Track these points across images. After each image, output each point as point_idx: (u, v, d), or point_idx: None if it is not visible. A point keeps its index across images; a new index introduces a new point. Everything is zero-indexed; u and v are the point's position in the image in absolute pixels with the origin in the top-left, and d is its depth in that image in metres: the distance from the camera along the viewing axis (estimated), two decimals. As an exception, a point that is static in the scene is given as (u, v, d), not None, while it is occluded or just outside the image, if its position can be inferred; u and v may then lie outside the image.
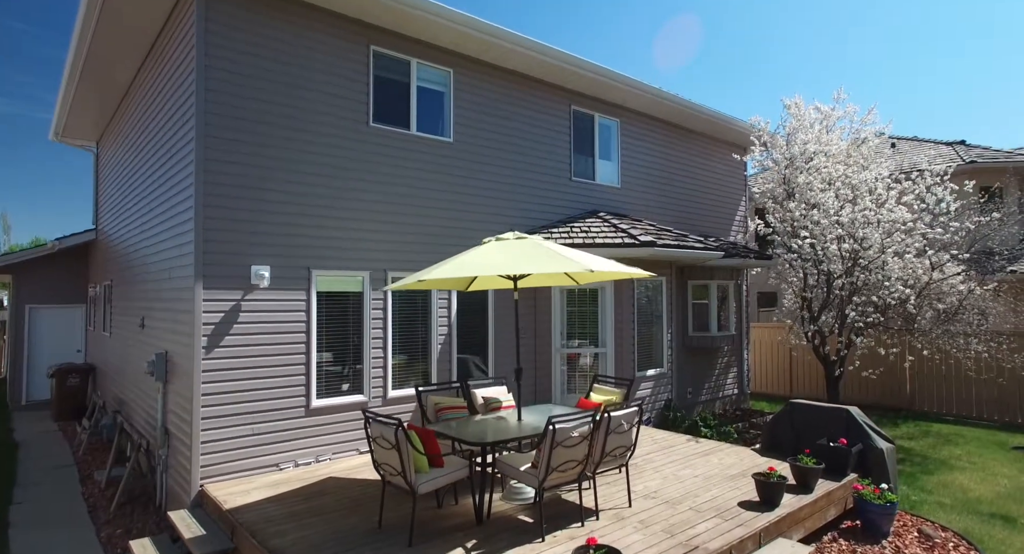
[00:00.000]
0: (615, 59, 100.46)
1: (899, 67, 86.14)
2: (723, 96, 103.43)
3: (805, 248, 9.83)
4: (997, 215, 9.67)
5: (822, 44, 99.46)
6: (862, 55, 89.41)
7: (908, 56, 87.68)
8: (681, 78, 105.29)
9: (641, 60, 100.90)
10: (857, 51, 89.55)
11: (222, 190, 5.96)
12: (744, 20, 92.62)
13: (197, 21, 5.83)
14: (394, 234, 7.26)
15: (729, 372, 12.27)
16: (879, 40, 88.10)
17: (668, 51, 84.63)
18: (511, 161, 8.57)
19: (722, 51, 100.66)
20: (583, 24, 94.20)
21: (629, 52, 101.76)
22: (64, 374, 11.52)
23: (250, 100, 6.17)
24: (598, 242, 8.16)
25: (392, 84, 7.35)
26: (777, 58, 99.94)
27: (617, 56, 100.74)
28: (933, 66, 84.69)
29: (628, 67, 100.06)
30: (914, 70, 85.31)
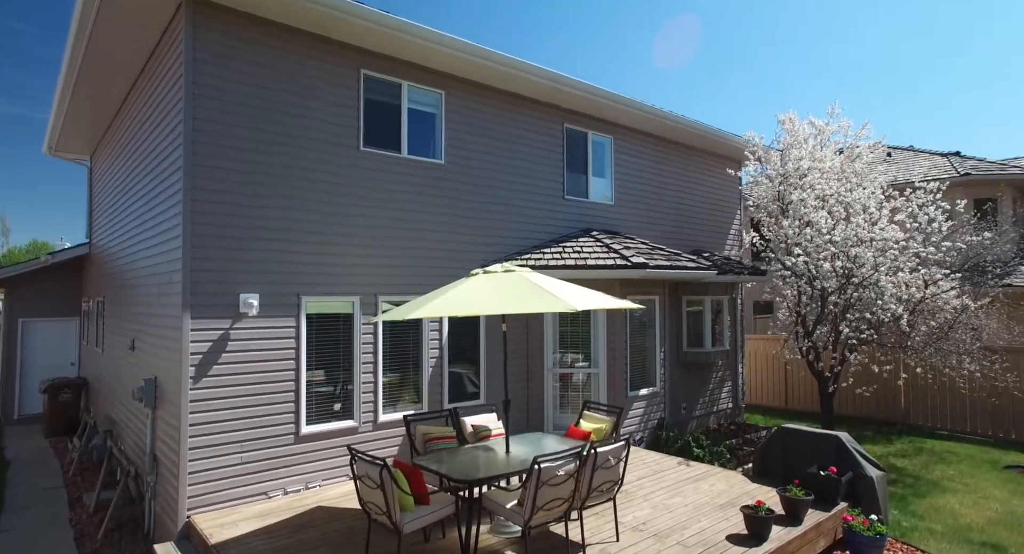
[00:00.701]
0: (615, 57, 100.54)
1: (898, 68, 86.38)
2: (723, 97, 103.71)
3: (799, 265, 9.84)
4: (989, 235, 9.67)
5: (821, 45, 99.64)
6: (861, 56, 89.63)
7: (908, 58, 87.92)
8: (681, 79, 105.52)
9: (641, 59, 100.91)
10: (857, 52, 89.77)
11: (210, 219, 5.94)
12: (744, 22, 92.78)
13: (185, 51, 5.81)
14: (385, 258, 7.24)
15: (724, 386, 12.26)
16: (878, 41, 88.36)
17: (668, 51, 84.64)
18: (504, 181, 8.56)
19: (722, 52, 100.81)
20: (583, 25, 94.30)
21: (630, 52, 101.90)
22: (56, 390, 11.48)
23: (238, 128, 6.15)
24: (590, 263, 8.15)
25: (383, 107, 7.34)
26: (777, 58, 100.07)
27: (617, 55, 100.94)
28: (933, 67, 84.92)
29: (629, 66, 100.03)
30: (914, 71, 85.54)
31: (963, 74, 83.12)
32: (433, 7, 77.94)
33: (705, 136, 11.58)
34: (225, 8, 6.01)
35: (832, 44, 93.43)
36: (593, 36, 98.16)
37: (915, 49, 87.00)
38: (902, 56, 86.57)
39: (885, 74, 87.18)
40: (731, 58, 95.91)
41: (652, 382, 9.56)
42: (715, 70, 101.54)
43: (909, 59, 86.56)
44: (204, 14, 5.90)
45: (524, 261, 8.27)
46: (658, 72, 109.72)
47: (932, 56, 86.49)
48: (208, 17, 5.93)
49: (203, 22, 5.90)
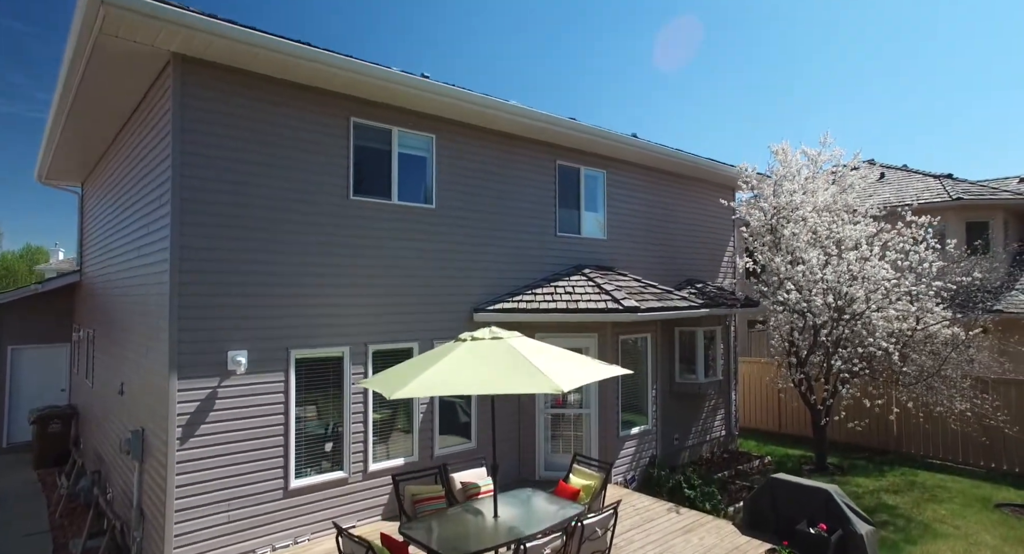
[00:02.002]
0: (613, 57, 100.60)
1: (898, 70, 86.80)
2: (723, 98, 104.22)
3: (791, 300, 9.85)
4: (979, 276, 9.71)
5: (822, 46, 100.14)
6: (862, 57, 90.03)
7: (908, 62, 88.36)
8: (680, 79, 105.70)
9: (641, 59, 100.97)
10: (857, 53, 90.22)
11: (197, 277, 5.89)
12: (743, 23, 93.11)
13: (173, 108, 5.77)
14: (375, 306, 7.21)
15: (717, 414, 12.26)
16: (878, 43, 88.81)
17: (668, 52, 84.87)
18: (495, 222, 8.54)
19: (721, 53, 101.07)
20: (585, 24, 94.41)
21: (630, 50, 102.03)
22: (46, 421, 11.39)
23: (226, 182, 6.11)
24: (581, 307, 8.13)
25: (373, 153, 7.31)
26: (777, 60, 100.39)
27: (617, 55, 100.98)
28: (932, 69, 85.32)
29: (627, 65, 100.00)
30: (913, 72, 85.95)
31: (961, 78, 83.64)
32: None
33: (698, 167, 11.59)
34: (213, 64, 5.97)
35: (833, 45, 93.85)
36: (594, 38, 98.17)
37: (913, 56, 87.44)
38: (901, 60, 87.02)
39: (884, 78, 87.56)
40: (730, 60, 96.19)
41: (644, 420, 9.55)
42: (713, 73, 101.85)
43: (909, 62, 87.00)
44: (192, 71, 5.86)
45: (516, 304, 8.25)
46: (658, 72, 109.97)
47: (930, 60, 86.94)
48: (196, 73, 5.89)
49: (191, 79, 5.86)
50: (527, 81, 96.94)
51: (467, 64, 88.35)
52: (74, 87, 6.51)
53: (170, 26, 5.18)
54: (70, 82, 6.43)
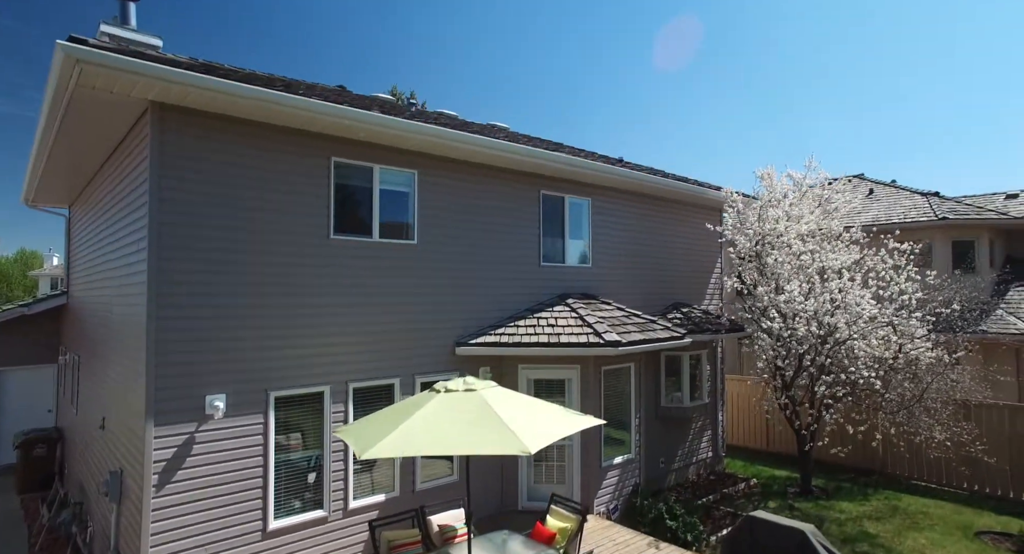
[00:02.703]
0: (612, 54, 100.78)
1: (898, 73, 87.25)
2: (722, 100, 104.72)
3: (774, 327, 9.92)
4: (957, 307, 9.79)
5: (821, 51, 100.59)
6: (860, 61, 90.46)
7: (907, 69, 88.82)
8: (680, 80, 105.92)
9: (640, 57, 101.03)
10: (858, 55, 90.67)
11: (175, 323, 5.91)
12: (743, 26, 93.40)
13: (151, 155, 5.79)
14: (356, 344, 7.23)
15: (703, 436, 12.32)
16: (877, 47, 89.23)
17: (667, 53, 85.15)
18: (478, 254, 8.57)
19: (719, 56, 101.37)
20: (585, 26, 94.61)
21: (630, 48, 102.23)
22: (30, 445, 11.37)
23: (204, 227, 6.13)
24: (563, 341, 8.17)
25: (354, 191, 7.34)
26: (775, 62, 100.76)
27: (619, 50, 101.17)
28: (925, 84, 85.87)
29: (626, 64, 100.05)
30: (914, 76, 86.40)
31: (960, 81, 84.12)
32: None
33: (684, 192, 11.66)
34: (191, 110, 6.00)
35: (832, 47, 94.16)
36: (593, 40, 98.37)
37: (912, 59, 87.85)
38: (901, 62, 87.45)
39: (884, 81, 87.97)
40: (729, 64, 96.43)
41: (627, 448, 9.59)
42: (712, 75, 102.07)
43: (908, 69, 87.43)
44: (170, 118, 5.89)
45: (498, 337, 8.29)
46: (657, 72, 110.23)
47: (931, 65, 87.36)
48: (174, 120, 5.92)
49: (169, 126, 5.89)
50: (533, 82, 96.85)
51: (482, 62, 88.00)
52: (54, 129, 6.52)
53: (146, 79, 5.21)
54: (50, 125, 6.45)
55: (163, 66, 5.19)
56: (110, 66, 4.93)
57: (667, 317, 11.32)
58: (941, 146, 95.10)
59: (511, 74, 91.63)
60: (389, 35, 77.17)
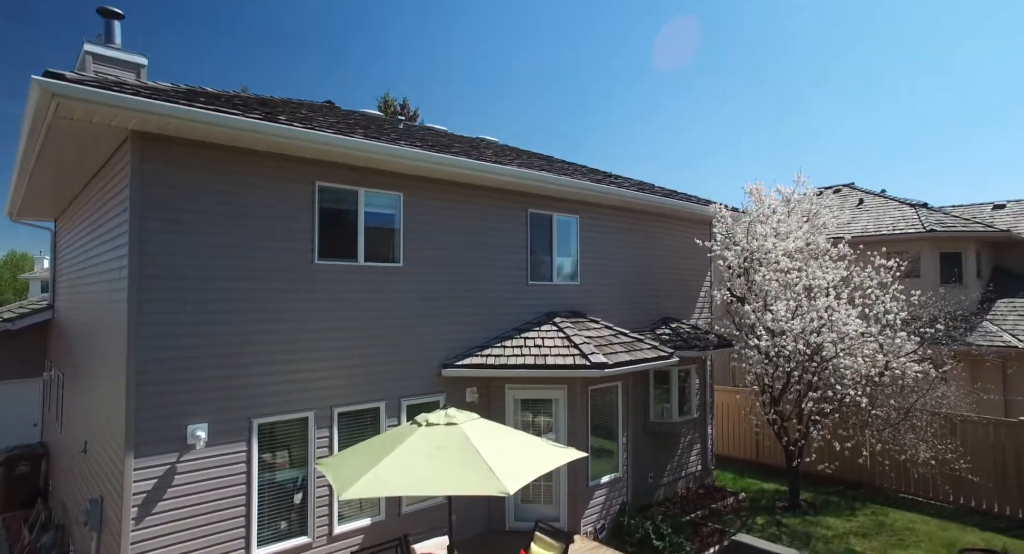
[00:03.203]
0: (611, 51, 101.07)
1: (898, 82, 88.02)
2: (723, 101, 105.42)
3: (762, 345, 9.95)
4: (942, 327, 9.85)
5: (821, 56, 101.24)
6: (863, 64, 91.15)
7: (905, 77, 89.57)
8: (680, 79, 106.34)
9: (641, 55, 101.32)
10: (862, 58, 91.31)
11: (156, 354, 5.86)
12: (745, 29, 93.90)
13: (132, 184, 5.75)
14: (341, 369, 7.20)
15: (692, 449, 12.34)
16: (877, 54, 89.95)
17: (666, 53, 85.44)
18: (465, 275, 8.56)
19: (720, 60, 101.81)
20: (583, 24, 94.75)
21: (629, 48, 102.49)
22: (13, 462, 11.26)
23: (185, 256, 6.08)
24: (550, 362, 8.17)
25: (339, 214, 7.31)
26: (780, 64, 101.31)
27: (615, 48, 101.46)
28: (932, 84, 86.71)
29: (627, 66, 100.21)
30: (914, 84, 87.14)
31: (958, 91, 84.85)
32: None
33: (673, 208, 11.69)
34: (172, 138, 5.95)
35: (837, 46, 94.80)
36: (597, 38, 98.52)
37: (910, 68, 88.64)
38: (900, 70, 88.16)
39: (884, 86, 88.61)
40: (731, 65, 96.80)
41: (615, 467, 9.59)
42: (713, 77, 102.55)
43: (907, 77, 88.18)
44: (151, 146, 5.84)
45: (484, 358, 8.27)
46: (656, 73, 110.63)
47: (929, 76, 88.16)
48: (155, 149, 5.87)
49: (150, 154, 5.84)
50: (542, 83, 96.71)
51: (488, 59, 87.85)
52: (34, 154, 6.47)
53: (125, 111, 5.17)
54: (29, 151, 6.40)
55: (141, 99, 5.15)
56: (88, 100, 4.89)
57: (656, 333, 11.34)
58: (932, 153, 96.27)
59: (512, 78, 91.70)
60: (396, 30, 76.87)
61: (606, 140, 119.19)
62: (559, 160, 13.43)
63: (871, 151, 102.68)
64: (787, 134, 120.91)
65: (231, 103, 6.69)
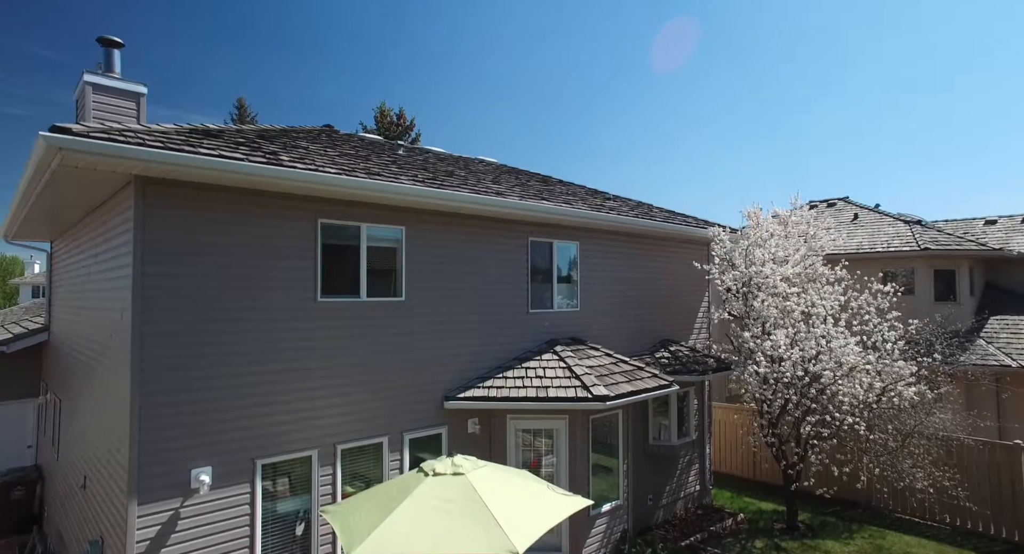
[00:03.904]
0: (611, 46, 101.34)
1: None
2: (721, 99, 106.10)
3: (760, 372, 10.01)
4: (939, 357, 9.94)
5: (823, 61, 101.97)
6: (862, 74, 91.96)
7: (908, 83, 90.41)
8: (678, 82, 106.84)
9: (638, 55, 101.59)
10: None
11: (160, 398, 5.83)
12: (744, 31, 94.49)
13: (135, 229, 5.71)
14: (344, 405, 7.18)
15: (691, 469, 12.39)
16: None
17: (665, 54, 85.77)
18: (467, 306, 8.56)
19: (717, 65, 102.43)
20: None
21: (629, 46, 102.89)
22: (8, 488, 11.14)
23: (190, 298, 6.06)
24: (551, 395, 8.18)
25: (341, 250, 7.30)
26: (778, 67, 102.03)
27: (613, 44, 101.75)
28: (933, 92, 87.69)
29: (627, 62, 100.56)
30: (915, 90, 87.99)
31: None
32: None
33: (672, 231, 11.74)
34: (176, 181, 5.93)
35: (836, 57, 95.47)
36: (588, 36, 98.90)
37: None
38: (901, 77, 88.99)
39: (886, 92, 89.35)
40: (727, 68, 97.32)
41: (616, 494, 9.61)
42: (709, 79, 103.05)
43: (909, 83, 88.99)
44: (154, 191, 5.82)
45: (486, 391, 8.28)
46: (656, 74, 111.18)
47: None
48: (158, 193, 5.84)
49: (153, 199, 5.81)
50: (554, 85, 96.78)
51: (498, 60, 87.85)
52: (35, 193, 6.43)
53: (128, 161, 5.15)
54: (31, 190, 6.36)
55: (146, 149, 5.13)
56: (92, 152, 4.87)
57: (655, 356, 11.38)
58: (924, 163, 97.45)
59: (519, 80, 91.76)
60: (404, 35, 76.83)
61: (611, 144, 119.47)
62: (556, 180, 13.47)
63: (867, 159, 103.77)
64: (786, 140, 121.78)
65: (233, 141, 6.67)
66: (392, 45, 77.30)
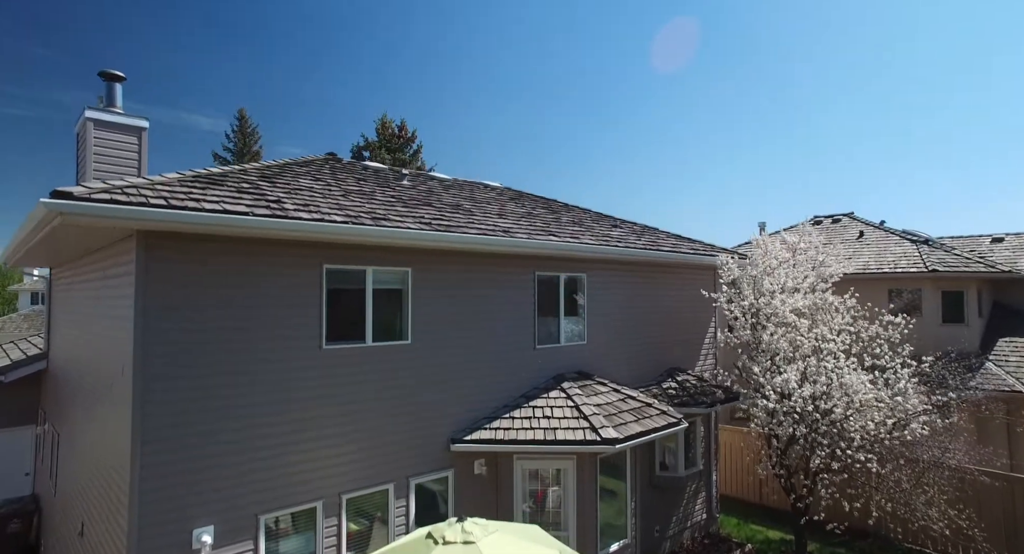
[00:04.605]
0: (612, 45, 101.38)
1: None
2: (719, 96, 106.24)
3: (770, 407, 9.85)
4: (954, 396, 9.79)
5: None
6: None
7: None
8: (679, 78, 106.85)
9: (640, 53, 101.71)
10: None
11: (160, 457, 5.67)
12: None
13: (136, 283, 5.56)
14: (349, 454, 7.02)
15: (697, 498, 12.23)
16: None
17: (665, 54, 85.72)
18: (473, 345, 8.40)
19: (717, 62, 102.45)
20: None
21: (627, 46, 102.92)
22: (4, 520, 10.97)
23: (193, 353, 5.89)
24: (559, 438, 8.03)
25: (346, 295, 7.14)
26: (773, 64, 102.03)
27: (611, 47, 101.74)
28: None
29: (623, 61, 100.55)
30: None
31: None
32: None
33: (680, 260, 11.61)
34: (178, 234, 5.78)
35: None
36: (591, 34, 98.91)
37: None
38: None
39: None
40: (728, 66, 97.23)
41: (624, 532, 9.44)
42: (708, 75, 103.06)
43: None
44: (156, 244, 5.66)
45: (493, 433, 8.12)
46: (656, 74, 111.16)
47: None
48: (160, 246, 5.69)
49: (155, 253, 5.65)
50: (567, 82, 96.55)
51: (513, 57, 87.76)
52: (34, 242, 6.28)
53: (128, 221, 5.00)
54: (29, 239, 6.21)
55: (146, 209, 5.00)
56: (92, 215, 4.72)
57: (662, 386, 11.23)
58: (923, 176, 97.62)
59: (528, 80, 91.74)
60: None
61: (616, 148, 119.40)
62: (560, 204, 13.32)
63: (873, 163, 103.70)
64: (797, 142, 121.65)
65: (236, 188, 6.52)
66: (403, 45, 77.30)
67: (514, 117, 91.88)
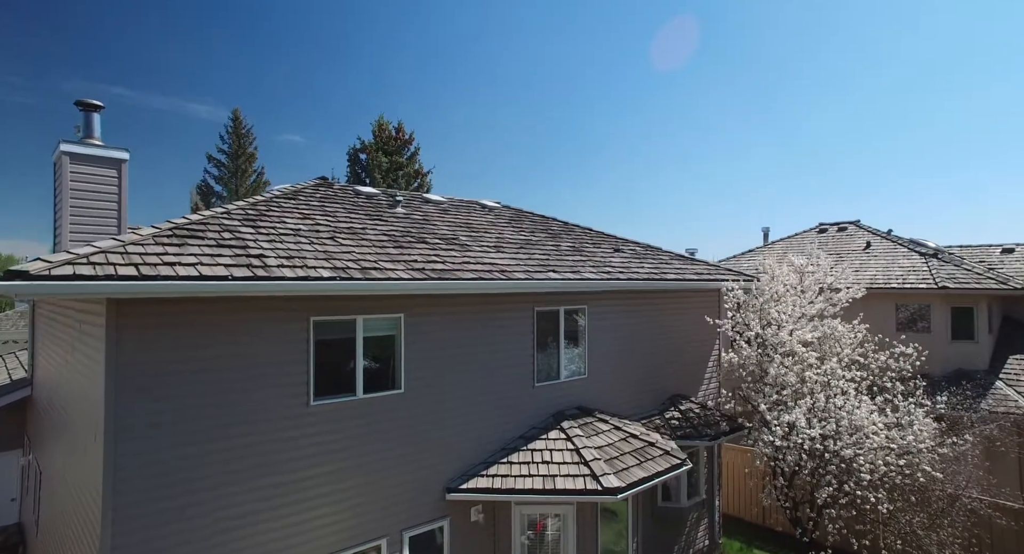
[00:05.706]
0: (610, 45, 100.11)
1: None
2: (720, 93, 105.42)
3: (777, 443, 9.54)
4: (969, 438, 9.46)
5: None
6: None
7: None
8: (677, 81, 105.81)
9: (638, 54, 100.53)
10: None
11: (133, 523, 5.33)
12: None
13: (107, 350, 5.19)
14: (339, 512, 6.69)
15: (700, 525, 11.97)
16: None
17: (665, 53, 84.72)
18: (469, 389, 8.05)
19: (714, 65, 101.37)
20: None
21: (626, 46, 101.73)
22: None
23: (170, 422, 5.54)
24: (559, 486, 7.69)
25: (335, 346, 6.77)
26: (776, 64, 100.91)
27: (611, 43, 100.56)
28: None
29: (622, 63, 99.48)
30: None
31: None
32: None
33: (684, 287, 11.23)
34: (154, 299, 5.38)
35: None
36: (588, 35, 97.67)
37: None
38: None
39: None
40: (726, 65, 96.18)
41: (625, 574, 9.15)
42: (706, 76, 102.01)
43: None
44: (127, 312, 5.27)
45: (490, 480, 7.78)
46: (656, 74, 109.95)
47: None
48: (133, 314, 5.30)
49: (127, 319, 5.27)
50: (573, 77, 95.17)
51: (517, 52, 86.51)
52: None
53: (92, 294, 4.61)
54: None
55: (113, 283, 4.61)
56: (51, 292, 4.34)
57: (664, 416, 10.91)
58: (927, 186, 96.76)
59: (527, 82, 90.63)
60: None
61: (615, 149, 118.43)
62: (560, 225, 12.91)
63: (878, 166, 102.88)
64: (800, 142, 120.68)
65: (216, 242, 6.12)
66: (403, 44, 76.31)
67: (514, 117, 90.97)
